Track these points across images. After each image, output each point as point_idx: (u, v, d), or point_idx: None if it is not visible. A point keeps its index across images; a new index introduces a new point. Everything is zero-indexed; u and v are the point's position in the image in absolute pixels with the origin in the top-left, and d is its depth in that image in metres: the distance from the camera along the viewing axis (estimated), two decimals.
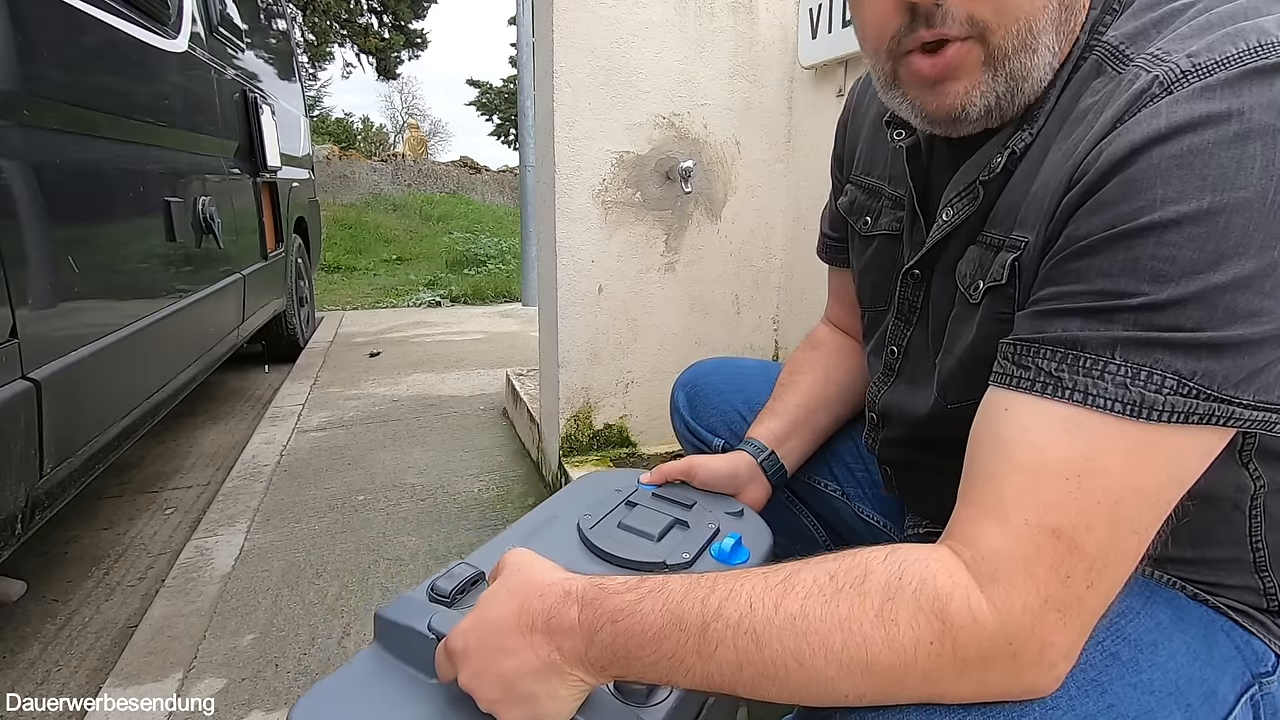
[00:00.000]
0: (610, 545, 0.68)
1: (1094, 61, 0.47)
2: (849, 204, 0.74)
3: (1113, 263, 0.40)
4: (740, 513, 0.78)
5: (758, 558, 0.71)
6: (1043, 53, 0.46)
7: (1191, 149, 0.38)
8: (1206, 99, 0.38)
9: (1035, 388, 0.42)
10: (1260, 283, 0.37)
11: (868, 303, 0.73)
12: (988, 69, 0.47)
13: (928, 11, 0.45)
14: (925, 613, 0.39)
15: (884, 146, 0.68)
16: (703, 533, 0.71)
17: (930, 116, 0.51)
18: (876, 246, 0.69)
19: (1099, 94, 0.45)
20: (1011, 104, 0.48)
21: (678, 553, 0.68)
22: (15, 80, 1.12)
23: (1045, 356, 0.42)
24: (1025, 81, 0.47)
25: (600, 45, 1.53)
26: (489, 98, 23.58)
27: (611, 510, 0.74)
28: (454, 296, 5.50)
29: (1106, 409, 0.39)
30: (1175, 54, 0.41)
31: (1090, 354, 0.40)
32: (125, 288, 1.50)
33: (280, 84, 3.25)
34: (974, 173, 0.53)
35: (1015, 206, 0.49)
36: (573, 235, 1.59)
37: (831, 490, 0.87)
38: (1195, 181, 0.38)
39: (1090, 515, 0.39)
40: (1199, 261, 0.38)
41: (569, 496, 0.78)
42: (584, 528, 0.70)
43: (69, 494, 1.25)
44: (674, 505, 0.76)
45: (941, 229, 0.56)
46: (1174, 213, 0.38)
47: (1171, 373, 0.38)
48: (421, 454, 2.13)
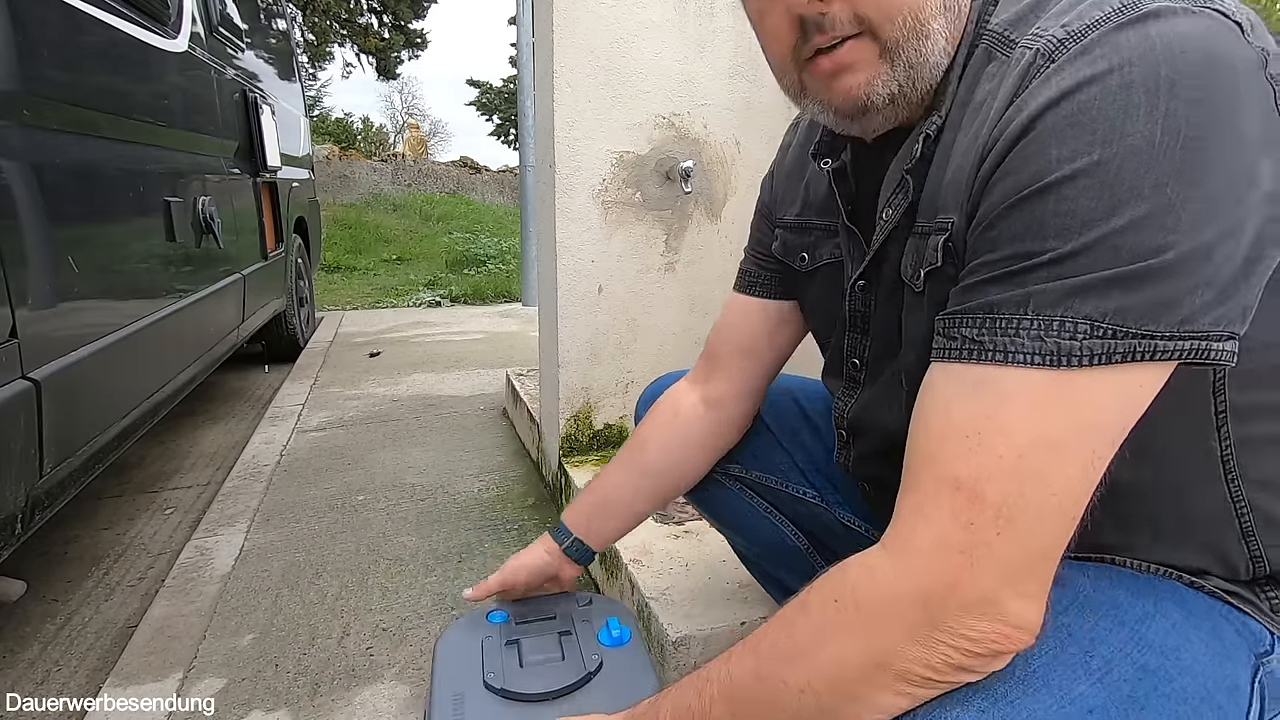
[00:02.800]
0: (536, 685, 0.72)
1: (984, 49, 0.50)
2: (782, 247, 0.75)
3: (1020, 226, 0.42)
4: (590, 601, 0.87)
5: (631, 627, 0.81)
6: (935, 38, 0.49)
7: (1080, 107, 0.40)
8: (1087, 60, 0.41)
9: (961, 355, 0.43)
10: (1160, 219, 0.38)
11: (822, 334, 0.74)
12: (884, 60, 0.49)
13: (816, 21, 0.49)
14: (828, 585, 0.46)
15: (808, 184, 0.71)
16: (587, 631, 0.80)
17: (840, 109, 0.53)
18: (822, 278, 0.70)
19: (994, 79, 0.48)
20: (914, 90, 0.51)
21: (587, 659, 0.76)
22: (15, 80, 1.12)
23: (967, 325, 0.43)
24: (923, 68, 0.50)
25: (600, 45, 1.53)
26: (489, 98, 23.58)
27: (501, 656, 0.77)
28: (454, 296, 5.50)
29: (1026, 363, 0.40)
30: (1051, 28, 0.44)
31: (1005, 314, 0.41)
32: (125, 288, 1.50)
33: (280, 84, 3.25)
34: (901, 167, 0.55)
35: (935, 193, 0.51)
36: (573, 235, 1.59)
37: (810, 498, 0.87)
38: (1086, 137, 0.40)
39: (991, 467, 0.40)
40: (1097, 209, 0.39)
41: (449, 667, 0.77)
42: (498, 685, 0.73)
43: (69, 494, 1.25)
44: (543, 623, 0.83)
45: (884, 228, 0.57)
46: (1069, 169, 0.40)
47: (1083, 317, 0.39)
48: (421, 454, 2.13)
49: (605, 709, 0.71)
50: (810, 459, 0.88)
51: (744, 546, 0.99)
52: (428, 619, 1.30)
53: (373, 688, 1.12)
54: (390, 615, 1.31)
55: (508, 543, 1.59)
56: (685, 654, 1.02)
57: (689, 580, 1.15)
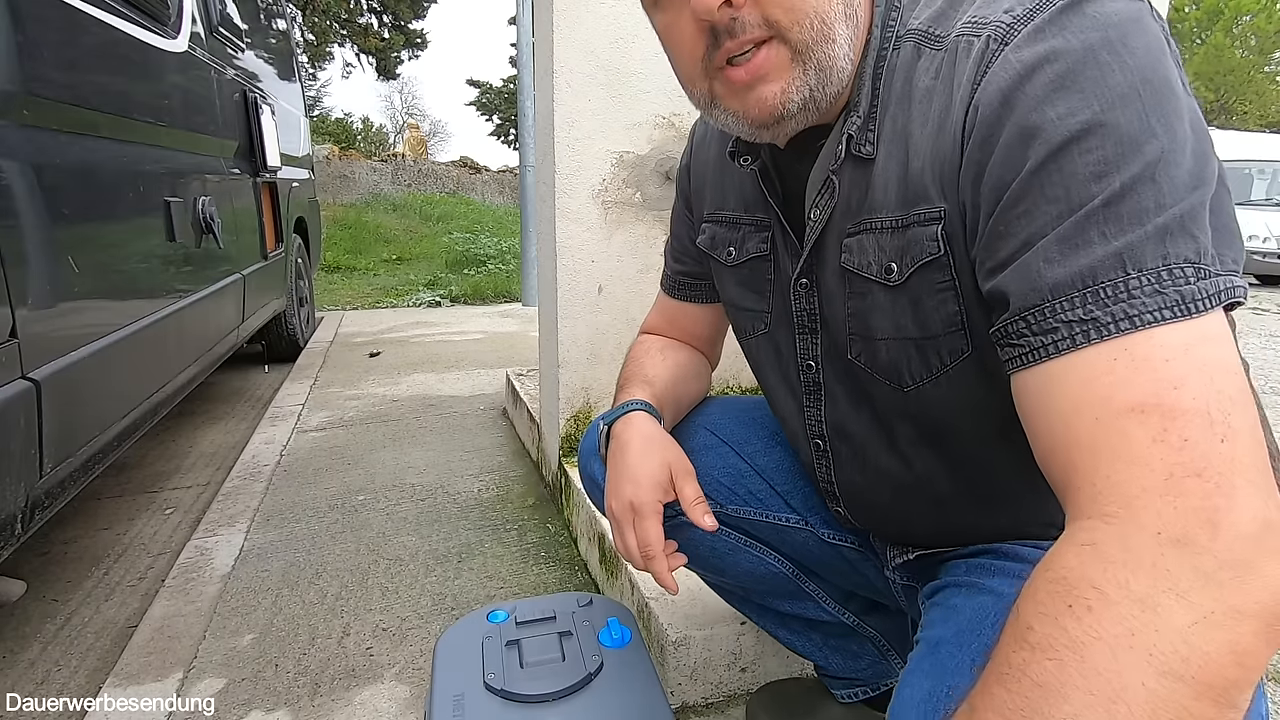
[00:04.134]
0: (536, 686, 0.72)
1: (910, 47, 0.52)
2: (709, 240, 0.75)
3: (1052, 188, 0.41)
4: (590, 601, 0.86)
5: (632, 628, 0.81)
6: (840, 43, 0.50)
7: (1056, 77, 0.42)
8: (1040, 39, 0.43)
9: (1077, 342, 0.39)
10: (1179, 154, 0.40)
11: (747, 331, 0.73)
12: (796, 64, 0.50)
13: (727, 26, 0.49)
14: (1043, 601, 0.35)
15: (733, 179, 0.71)
16: (587, 632, 0.80)
17: (755, 120, 0.53)
18: (747, 272, 0.70)
19: (933, 70, 0.50)
20: (824, 94, 0.52)
21: (587, 660, 0.75)
22: (15, 80, 1.12)
23: (1064, 308, 0.40)
24: (831, 71, 0.51)
25: (600, 45, 1.53)
26: (489, 98, 23.56)
27: (501, 656, 0.77)
28: (454, 296, 5.50)
29: (1154, 322, 0.38)
30: (992, 16, 0.46)
31: (1105, 281, 0.39)
32: (125, 288, 1.50)
33: (280, 84, 3.25)
34: (825, 168, 0.56)
35: (898, 185, 0.52)
36: (573, 235, 1.59)
37: (793, 523, 0.81)
38: (1076, 97, 0.41)
39: (1169, 378, 0.36)
40: (1123, 150, 0.40)
41: (449, 667, 0.77)
42: (499, 686, 0.73)
43: (69, 494, 1.25)
44: (543, 623, 0.82)
45: (814, 229, 0.58)
46: (1075, 124, 0.41)
47: (1185, 261, 0.39)
48: (421, 454, 2.13)
49: (606, 710, 0.71)
50: (786, 479, 0.82)
51: (720, 582, 0.93)
52: (428, 619, 1.30)
53: (373, 688, 1.12)
54: (390, 615, 1.31)
55: (508, 543, 1.59)
56: (685, 654, 1.02)
57: (689, 580, 1.14)
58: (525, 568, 1.49)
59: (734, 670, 1.06)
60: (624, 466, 0.70)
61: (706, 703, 1.05)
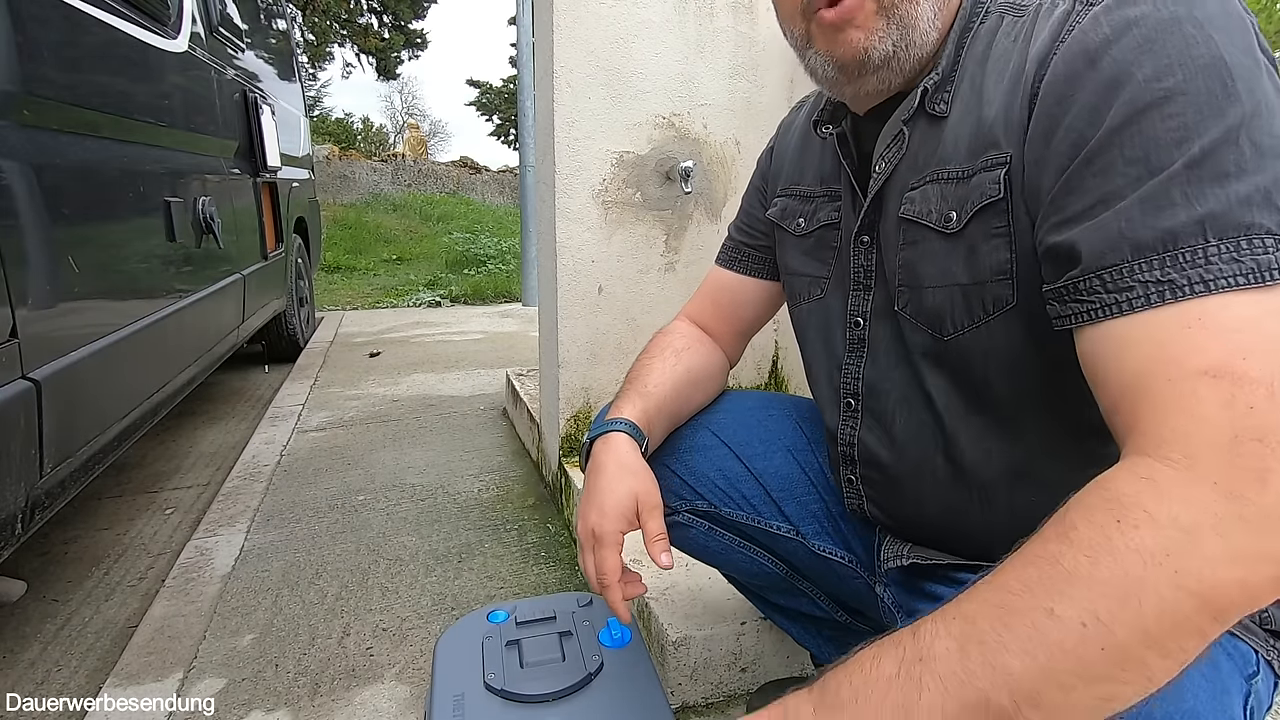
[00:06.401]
0: (536, 686, 0.72)
1: (995, 16, 0.56)
2: (780, 212, 0.78)
3: (1133, 148, 0.42)
4: (590, 601, 0.86)
5: (631, 628, 0.80)
6: (924, 5, 0.54)
7: (1143, 40, 0.43)
8: (1129, 4, 0.45)
9: (1151, 301, 0.41)
10: (1263, 119, 0.41)
11: (802, 296, 0.75)
12: (881, 16, 0.54)
13: None
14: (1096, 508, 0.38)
15: (812, 156, 0.75)
16: (587, 631, 0.80)
17: (840, 62, 0.57)
18: (813, 242, 0.73)
19: (1013, 34, 0.53)
20: (908, 55, 0.56)
21: (587, 660, 0.76)
22: (15, 80, 1.12)
23: (1142, 269, 0.41)
24: (915, 30, 0.54)
25: (600, 45, 1.53)
26: (489, 98, 23.55)
27: (502, 656, 0.77)
28: (454, 296, 5.50)
29: (1228, 288, 0.39)
30: None
31: (1185, 246, 0.40)
32: (125, 288, 1.50)
33: (280, 84, 3.25)
34: (899, 119, 0.59)
35: (970, 138, 0.54)
36: (573, 235, 1.59)
37: (784, 532, 0.81)
38: (1163, 60, 0.43)
39: (1238, 348, 0.38)
40: (1204, 115, 0.41)
41: (449, 667, 0.77)
42: (499, 686, 0.73)
43: (69, 494, 1.25)
44: (543, 623, 0.82)
45: (878, 180, 0.61)
46: (1160, 89, 0.42)
47: (1265, 232, 0.39)
48: (421, 454, 2.13)
49: (606, 710, 0.71)
50: (782, 487, 0.82)
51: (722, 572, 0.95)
52: (428, 619, 1.30)
53: (373, 688, 1.12)
54: (390, 615, 1.31)
55: (508, 543, 1.59)
56: (685, 654, 1.03)
57: (689, 580, 1.15)
58: (525, 568, 1.49)
59: (734, 670, 1.06)
60: (594, 491, 0.70)
61: (707, 703, 1.05)
